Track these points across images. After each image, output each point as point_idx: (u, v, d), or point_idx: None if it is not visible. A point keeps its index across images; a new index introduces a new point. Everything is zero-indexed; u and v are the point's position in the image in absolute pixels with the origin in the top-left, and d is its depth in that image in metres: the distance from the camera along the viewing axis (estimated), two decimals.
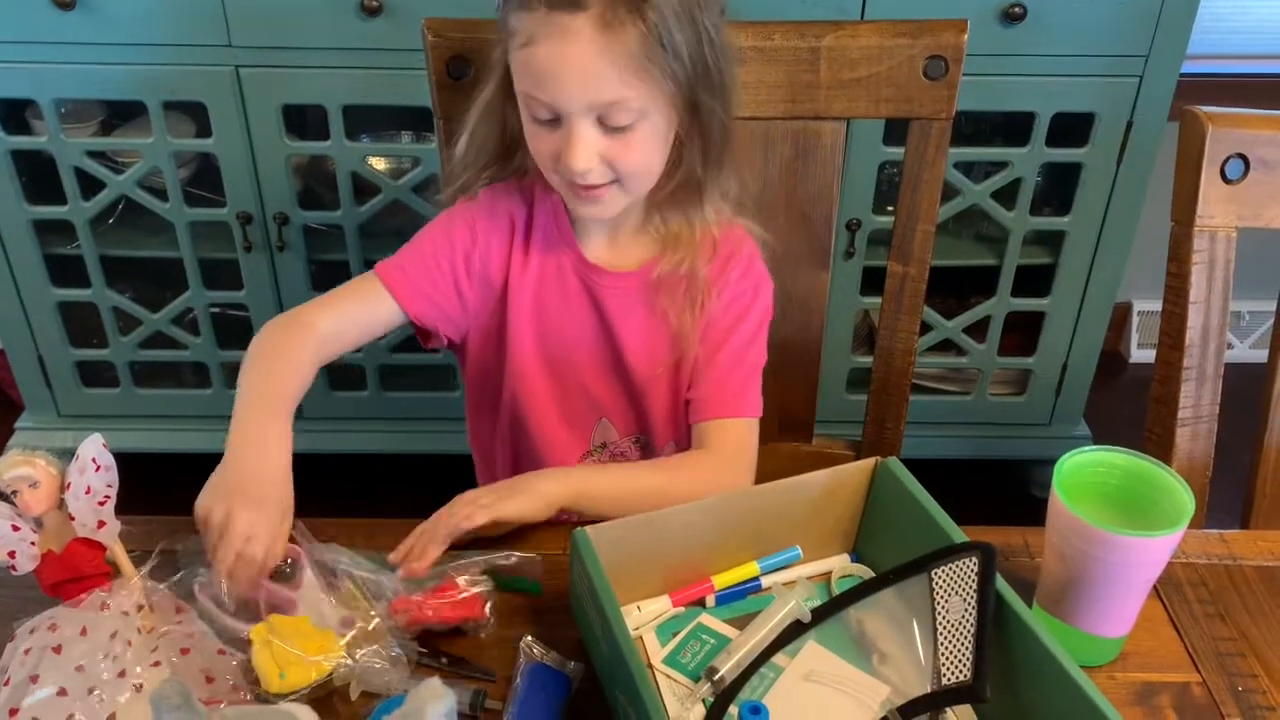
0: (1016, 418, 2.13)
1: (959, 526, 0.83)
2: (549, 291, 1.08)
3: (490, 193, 1.08)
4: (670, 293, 1.06)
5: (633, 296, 1.07)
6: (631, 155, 0.94)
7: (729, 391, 1.06)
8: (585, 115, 0.91)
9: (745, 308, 1.08)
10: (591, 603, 0.78)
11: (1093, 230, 1.91)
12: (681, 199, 1.03)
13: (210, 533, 0.84)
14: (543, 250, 1.07)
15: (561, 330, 1.09)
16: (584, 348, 1.10)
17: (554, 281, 1.07)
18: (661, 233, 1.05)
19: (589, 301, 1.08)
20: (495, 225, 1.06)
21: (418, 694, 0.62)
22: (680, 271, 1.04)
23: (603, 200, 0.97)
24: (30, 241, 1.86)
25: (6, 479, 0.83)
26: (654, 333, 1.07)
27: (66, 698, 0.76)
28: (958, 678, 0.76)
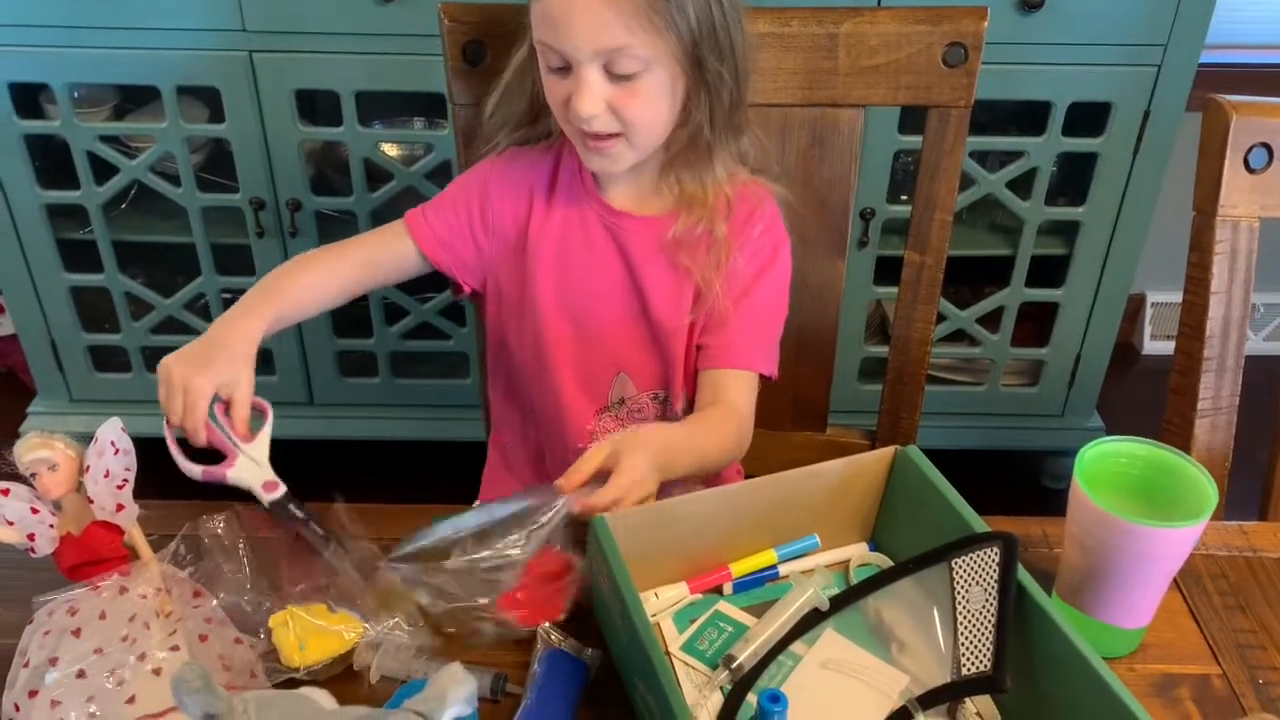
0: (1029, 409, 2.12)
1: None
2: (573, 243, 1.10)
3: (515, 150, 1.11)
4: (691, 250, 1.07)
5: (656, 244, 1.08)
6: (636, 105, 0.96)
7: (750, 343, 1.08)
8: (592, 61, 0.94)
9: (767, 262, 1.09)
10: (610, 590, 0.78)
11: (1108, 221, 1.89)
12: (692, 159, 1.05)
13: (167, 388, 0.91)
14: (566, 203, 1.10)
15: (585, 282, 1.10)
16: (607, 298, 1.11)
17: (578, 232, 1.09)
18: (676, 192, 1.06)
19: (614, 249, 1.09)
20: (514, 180, 1.10)
21: (439, 679, 0.62)
22: (698, 231, 1.06)
23: (610, 152, 1.00)
24: (43, 226, 1.86)
25: (26, 462, 0.83)
26: (678, 284, 1.08)
27: (85, 680, 0.76)
28: (978, 668, 0.75)
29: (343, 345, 2.01)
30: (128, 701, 0.75)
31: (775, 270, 1.10)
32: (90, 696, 0.75)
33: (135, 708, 0.75)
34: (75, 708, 0.75)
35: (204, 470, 0.90)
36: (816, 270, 1.28)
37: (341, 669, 0.81)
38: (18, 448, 0.83)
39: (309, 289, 1.05)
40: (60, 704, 0.75)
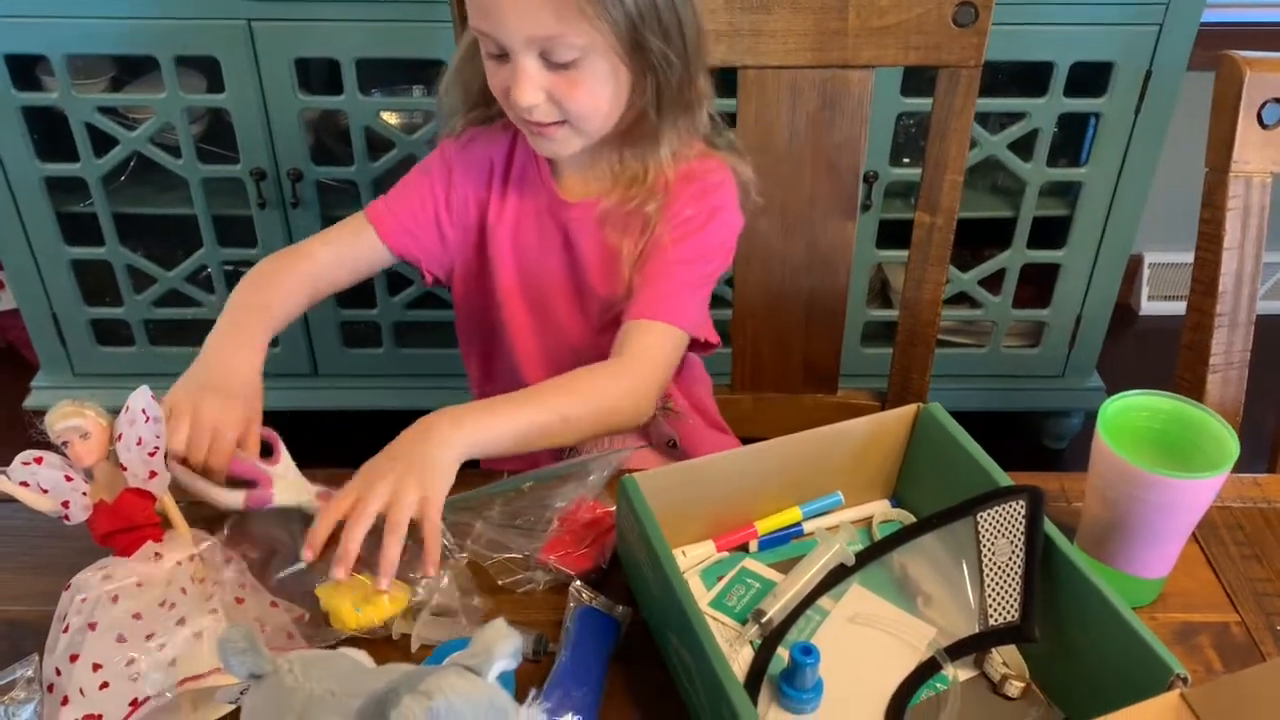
0: (1030, 370, 2.14)
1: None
2: (526, 230, 1.10)
3: (471, 134, 1.10)
4: (621, 228, 1.06)
5: (593, 224, 1.08)
6: (577, 94, 0.94)
7: (651, 296, 1.03)
8: (527, 50, 0.92)
9: (695, 229, 1.05)
10: (641, 547, 0.79)
11: (1109, 181, 1.90)
12: (637, 138, 1.03)
13: (175, 419, 0.87)
14: (519, 190, 1.09)
15: (539, 270, 1.11)
16: (561, 285, 1.11)
17: (530, 220, 1.09)
18: (617, 170, 1.06)
19: (560, 235, 1.09)
20: (473, 166, 1.09)
21: (484, 634, 0.63)
22: (627, 208, 1.05)
23: (554, 138, 0.98)
24: (43, 199, 1.85)
25: (58, 430, 0.83)
26: (612, 260, 1.08)
27: (125, 644, 0.77)
28: (1005, 618, 0.77)
29: (346, 316, 2.01)
30: (170, 664, 0.76)
31: (702, 237, 1.06)
32: (131, 660, 0.76)
33: (177, 670, 0.75)
34: (117, 671, 0.75)
35: (247, 495, 0.89)
36: (826, 234, 1.28)
37: (385, 633, 0.82)
38: (49, 416, 0.83)
39: (290, 300, 1.03)
40: (102, 667, 0.76)
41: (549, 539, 0.87)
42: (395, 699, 0.58)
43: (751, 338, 1.34)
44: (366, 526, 0.80)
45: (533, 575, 0.86)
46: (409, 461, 0.84)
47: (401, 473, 0.83)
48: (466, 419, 0.88)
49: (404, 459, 0.84)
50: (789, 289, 1.31)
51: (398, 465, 0.83)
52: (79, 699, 0.75)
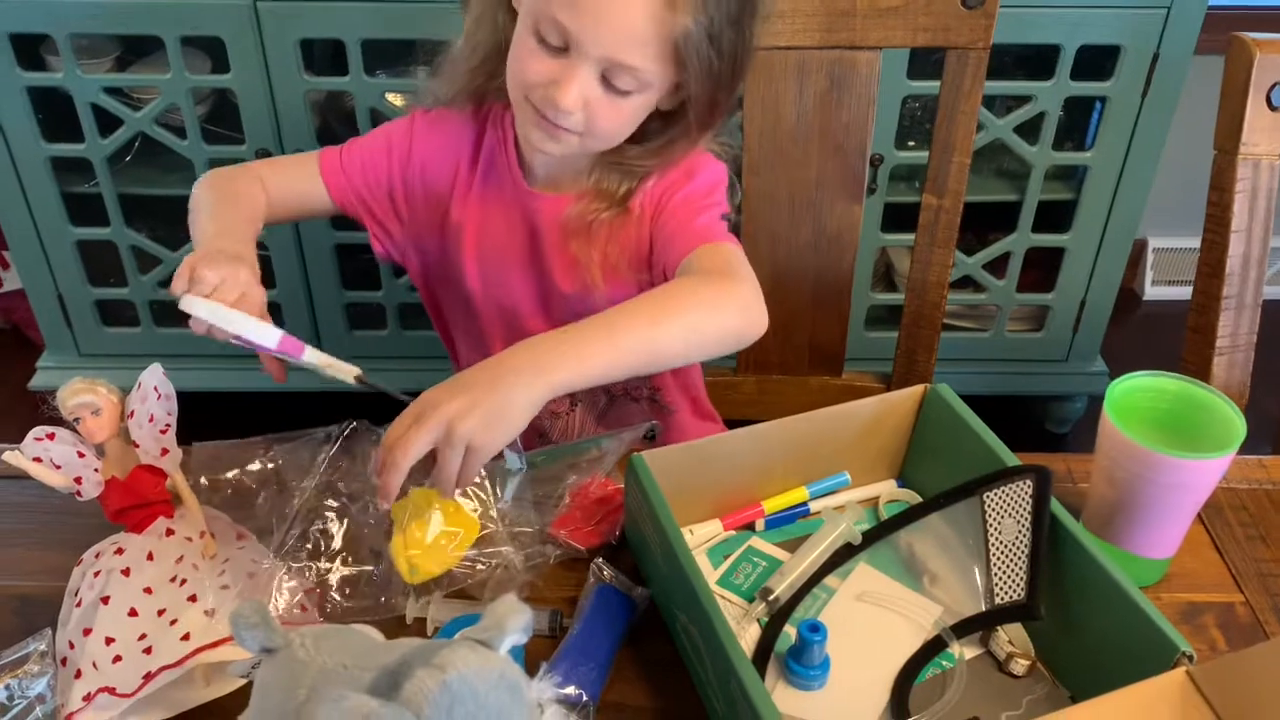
0: (1033, 354, 2.14)
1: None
2: (493, 219, 1.06)
3: (441, 113, 1.06)
4: (578, 233, 1.03)
5: (558, 221, 1.04)
6: (612, 118, 0.92)
7: (690, 232, 0.97)
8: (596, 63, 0.88)
9: (679, 186, 1.01)
10: (650, 524, 0.80)
11: (1115, 165, 1.90)
12: (637, 169, 1.01)
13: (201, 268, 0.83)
14: (486, 179, 1.05)
15: (506, 265, 1.08)
16: (530, 279, 1.08)
17: (497, 209, 1.06)
18: (593, 181, 1.02)
19: (527, 228, 1.06)
20: (440, 148, 1.06)
21: (495, 609, 0.63)
22: (589, 219, 1.02)
23: (560, 141, 0.94)
24: (48, 179, 1.85)
25: (70, 406, 0.83)
26: (574, 263, 1.05)
27: (137, 618, 0.78)
28: (1011, 597, 0.77)
29: (351, 298, 2.01)
30: (182, 638, 0.76)
31: (689, 186, 1.01)
32: (143, 634, 0.77)
33: (189, 643, 0.76)
34: (129, 645, 0.76)
35: (282, 336, 0.83)
36: (833, 216, 1.28)
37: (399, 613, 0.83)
38: (61, 392, 0.84)
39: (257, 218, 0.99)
40: (115, 641, 0.76)
41: (560, 514, 0.88)
42: (408, 672, 0.58)
43: None
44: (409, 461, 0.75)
45: (543, 549, 0.86)
46: (476, 397, 0.76)
47: (463, 410, 0.75)
48: (551, 357, 0.79)
49: (474, 391, 0.76)
50: (795, 271, 1.31)
51: (463, 399, 0.76)
52: (92, 672, 0.76)
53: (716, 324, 0.86)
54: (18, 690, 0.76)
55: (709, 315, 0.86)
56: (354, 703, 0.55)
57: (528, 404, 0.77)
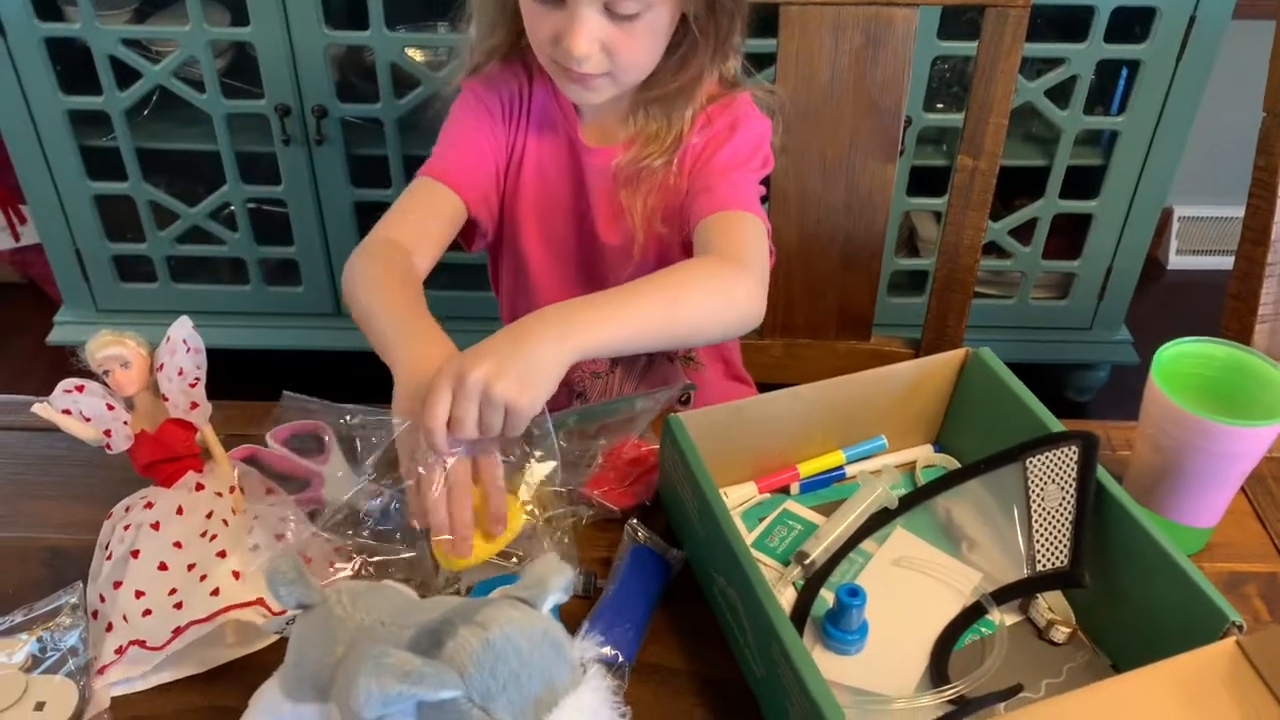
0: (1057, 322, 2.12)
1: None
2: (547, 170, 1.07)
3: (489, 73, 1.06)
4: (628, 182, 1.03)
5: (607, 173, 1.04)
6: (632, 47, 0.91)
7: (715, 196, 0.97)
8: (592, 1, 0.88)
9: (721, 142, 1.01)
10: (687, 486, 0.78)
11: (1146, 131, 1.86)
12: (672, 98, 1.00)
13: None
14: (540, 130, 1.06)
15: (558, 213, 1.08)
16: (571, 228, 1.09)
17: (551, 161, 1.06)
18: (636, 127, 1.01)
19: (576, 179, 1.06)
20: (502, 103, 1.06)
21: (535, 568, 0.62)
22: (639, 165, 1.01)
23: (592, 88, 0.95)
24: (66, 133, 1.83)
25: (99, 359, 0.82)
26: (619, 215, 1.05)
27: (167, 572, 0.77)
28: (1054, 564, 0.76)
29: None
30: (211, 594, 0.75)
31: (730, 146, 1.01)
32: (173, 589, 0.76)
33: (219, 600, 0.75)
34: (159, 599, 0.75)
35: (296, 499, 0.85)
36: (866, 176, 1.26)
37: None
38: (90, 345, 0.83)
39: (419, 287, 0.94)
40: (145, 594, 0.76)
41: (593, 475, 0.86)
42: (450, 630, 0.58)
43: (784, 282, 1.32)
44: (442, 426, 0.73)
45: (577, 509, 0.85)
46: (503, 359, 0.74)
47: (495, 373, 0.73)
48: (574, 321, 0.78)
49: (500, 354, 0.75)
50: (825, 232, 1.29)
51: (491, 361, 0.74)
52: (122, 625, 0.75)
53: (725, 314, 0.88)
54: (50, 643, 0.75)
55: (722, 304, 0.87)
56: (396, 660, 0.54)
57: (555, 364, 0.77)
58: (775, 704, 0.70)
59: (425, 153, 1.04)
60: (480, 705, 0.55)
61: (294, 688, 0.65)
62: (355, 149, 1.87)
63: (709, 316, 0.86)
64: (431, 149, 1.05)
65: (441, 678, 0.55)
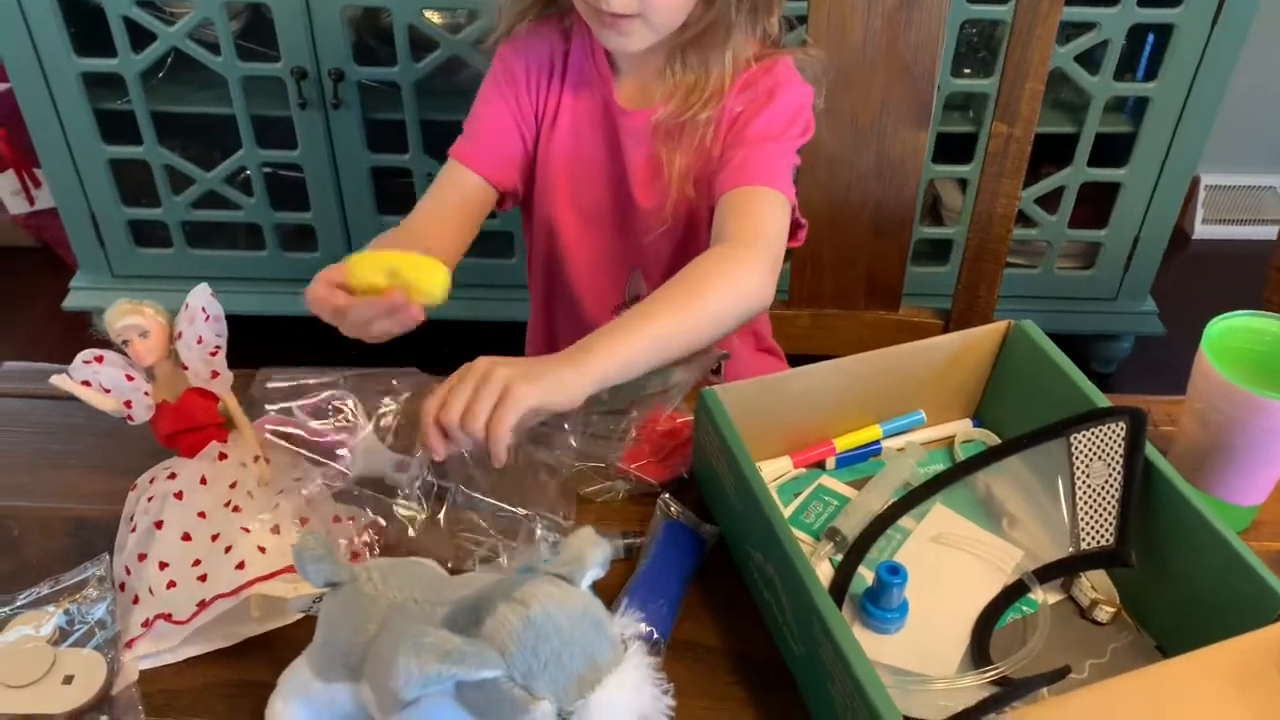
0: (1082, 292, 2.09)
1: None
2: (581, 132, 1.06)
3: (525, 32, 1.06)
4: (669, 137, 1.01)
5: (644, 134, 1.03)
6: None
7: (741, 167, 0.96)
8: None
9: (759, 109, 1.00)
10: (723, 460, 0.77)
11: (1178, 98, 1.83)
12: (706, 42, 0.98)
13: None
14: (576, 90, 1.05)
15: (592, 173, 1.07)
16: (605, 191, 1.08)
17: (586, 122, 1.06)
18: (675, 78, 1.00)
19: (611, 143, 1.05)
20: (531, 63, 1.05)
21: (573, 543, 0.61)
22: (681, 118, 1.00)
23: (626, 32, 0.94)
24: (80, 96, 1.81)
25: (117, 328, 0.81)
26: (657, 174, 1.04)
27: (191, 543, 0.76)
28: (1099, 542, 0.74)
29: (387, 222, 1.96)
30: (237, 567, 0.74)
31: (767, 114, 1.00)
32: (197, 559, 0.75)
33: (244, 572, 0.74)
34: (183, 570, 0.74)
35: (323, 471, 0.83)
36: (897, 141, 1.23)
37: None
38: (108, 314, 0.81)
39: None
40: (169, 566, 0.75)
41: (627, 448, 0.85)
42: (489, 607, 0.56)
43: (812, 250, 1.29)
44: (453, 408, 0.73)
45: (613, 484, 0.84)
46: (523, 364, 0.75)
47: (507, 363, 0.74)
48: (594, 347, 0.79)
49: (522, 363, 0.76)
50: (855, 199, 1.26)
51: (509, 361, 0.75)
52: (148, 598, 0.74)
53: (738, 307, 0.88)
54: (78, 615, 0.74)
55: (733, 299, 0.87)
56: (436, 639, 0.53)
57: (576, 381, 0.76)
58: (815, 683, 0.68)
59: (443, 117, 1.05)
60: (522, 684, 0.54)
61: (324, 667, 0.64)
62: (372, 113, 1.85)
63: (723, 314, 0.86)
64: (449, 115, 1.05)
65: (482, 657, 0.53)
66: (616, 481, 0.84)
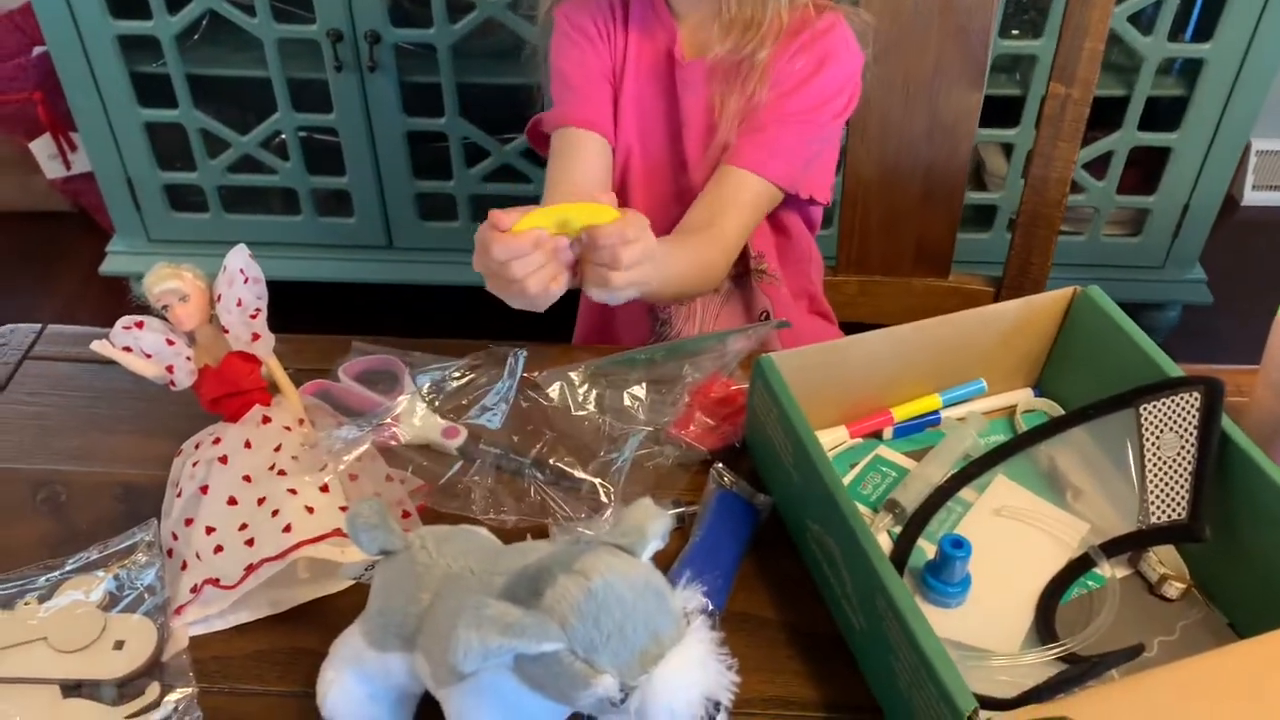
0: (1129, 260, 2.04)
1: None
2: (644, 84, 1.04)
3: None
4: (724, 79, 1.01)
5: (700, 83, 1.02)
6: None
7: (743, 144, 1.00)
8: None
9: (803, 79, 1.00)
10: (780, 429, 0.74)
11: (1234, 59, 1.77)
12: None
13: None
14: (640, 41, 1.04)
15: (655, 127, 1.06)
16: (668, 145, 1.06)
17: (648, 74, 1.04)
18: (731, 14, 0.98)
19: (669, 93, 1.04)
20: (599, 20, 1.04)
21: (633, 514, 0.59)
22: (738, 57, 0.99)
23: None
24: (116, 59, 1.80)
25: (156, 293, 0.79)
26: (711, 125, 1.03)
27: (237, 507, 0.75)
28: (1170, 516, 0.72)
29: (422, 188, 1.95)
30: (284, 530, 0.73)
31: (815, 85, 1.01)
32: (243, 524, 0.74)
33: (291, 535, 0.72)
34: (230, 535, 0.73)
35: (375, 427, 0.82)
36: (950, 103, 1.20)
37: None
38: (147, 279, 0.79)
39: None
40: (215, 530, 0.73)
41: (679, 414, 0.83)
42: (549, 578, 0.55)
43: (861, 215, 1.27)
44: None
45: (662, 450, 0.82)
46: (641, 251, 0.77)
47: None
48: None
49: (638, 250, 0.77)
50: (905, 163, 1.23)
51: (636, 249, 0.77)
52: (196, 563, 0.73)
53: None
54: (127, 580, 0.73)
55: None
56: (496, 610, 0.52)
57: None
58: (877, 658, 0.66)
59: (480, 80, 1.01)
60: (583, 658, 0.53)
61: (378, 636, 0.63)
62: (408, 76, 1.82)
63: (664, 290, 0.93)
64: (486, 78, 1.03)
65: (544, 629, 0.52)
66: (666, 447, 0.82)
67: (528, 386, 0.88)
